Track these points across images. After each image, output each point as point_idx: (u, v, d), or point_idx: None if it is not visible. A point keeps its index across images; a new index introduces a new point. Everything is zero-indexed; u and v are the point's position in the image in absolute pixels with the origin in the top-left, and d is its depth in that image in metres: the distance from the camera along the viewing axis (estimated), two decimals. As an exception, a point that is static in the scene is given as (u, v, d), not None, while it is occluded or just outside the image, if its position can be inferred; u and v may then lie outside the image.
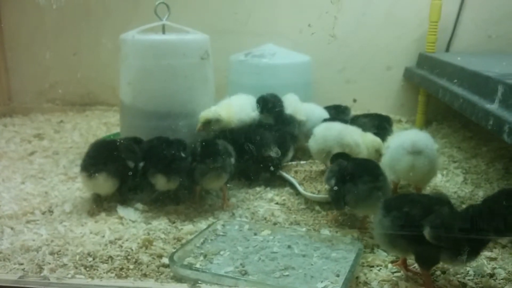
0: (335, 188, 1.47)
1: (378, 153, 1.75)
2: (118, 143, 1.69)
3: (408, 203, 1.20)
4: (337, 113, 2.27)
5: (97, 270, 1.26)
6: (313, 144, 1.83)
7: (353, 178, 1.45)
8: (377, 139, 1.79)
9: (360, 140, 1.77)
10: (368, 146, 1.77)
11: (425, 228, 1.11)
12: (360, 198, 1.42)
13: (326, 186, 1.58)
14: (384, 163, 1.64)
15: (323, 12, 2.61)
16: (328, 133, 1.79)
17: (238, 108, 2.04)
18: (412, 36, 2.82)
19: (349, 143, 1.74)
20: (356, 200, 1.43)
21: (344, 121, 1.99)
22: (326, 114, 2.16)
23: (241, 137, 1.82)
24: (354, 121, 2.07)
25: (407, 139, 1.60)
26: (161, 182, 1.59)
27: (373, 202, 1.40)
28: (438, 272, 1.26)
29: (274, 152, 1.72)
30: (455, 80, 2.06)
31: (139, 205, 1.65)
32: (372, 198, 1.41)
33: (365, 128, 1.89)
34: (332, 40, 2.65)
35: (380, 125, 2.04)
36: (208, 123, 1.90)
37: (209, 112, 1.91)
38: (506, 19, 2.72)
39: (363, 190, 1.41)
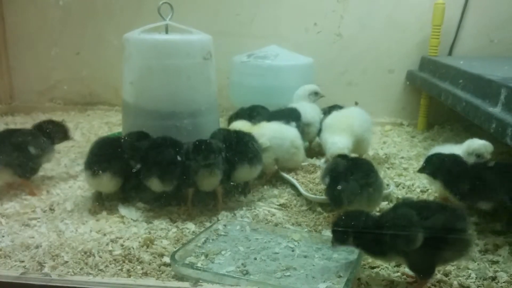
0: (339, 187, 1.48)
1: None
2: (122, 141, 1.69)
3: None
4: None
5: (98, 268, 1.26)
6: None
7: (345, 175, 1.48)
8: None
9: None
10: None
11: None
12: (353, 195, 1.43)
13: (323, 185, 1.61)
14: None
15: (329, 10, 2.61)
16: None
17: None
18: (414, 40, 2.82)
19: None
20: (349, 197, 1.44)
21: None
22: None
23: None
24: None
25: None
26: (155, 185, 1.57)
27: (364, 198, 1.43)
28: (439, 276, 1.26)
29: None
30: (458, 83, 2.06)
31: (141, 204, 1.65)
32: (364, 194, 1.43)
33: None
34: (338, 39, 2.66)
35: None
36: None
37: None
38: (508, 24, 2.72)
39: (355, 187, 1.43)
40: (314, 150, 2.26)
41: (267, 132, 1.89)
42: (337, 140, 1.87)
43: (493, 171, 1.50)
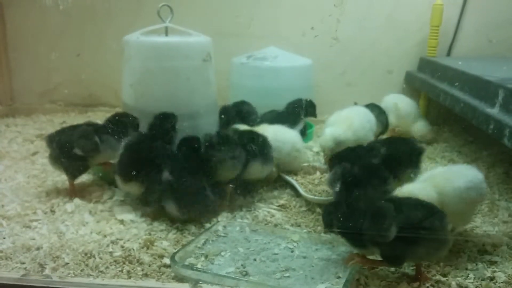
0: (337, 189, 1.47)
1: None
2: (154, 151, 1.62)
3: None
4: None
5: (98, 269, 1.27)
6: None
7: (360, 182, 1.44)
8: None
9: None
10: None
11: None
12: None
13: (331, 190, 1.56)
14: None
15: (326, 15, 2.62)
16: None
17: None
18: (413, 40, 2.83)
19: None
20: None
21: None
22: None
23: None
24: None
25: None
26: (172, 212, 1.54)
27: None
28: (437, 276, 1.27)
29: None
30: (456, 84, 2.07)
31: (141, 205, 1.65)
32: None
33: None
34: (334, 43, 2.67)
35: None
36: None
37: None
38: (507, 24, 2.73)
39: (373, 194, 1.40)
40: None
41: (268, 135, 1.87)
42: (328, 130, 1.86)
43: None
